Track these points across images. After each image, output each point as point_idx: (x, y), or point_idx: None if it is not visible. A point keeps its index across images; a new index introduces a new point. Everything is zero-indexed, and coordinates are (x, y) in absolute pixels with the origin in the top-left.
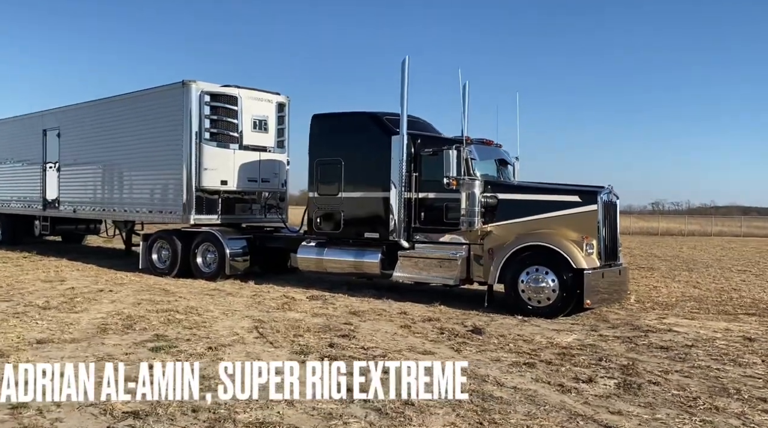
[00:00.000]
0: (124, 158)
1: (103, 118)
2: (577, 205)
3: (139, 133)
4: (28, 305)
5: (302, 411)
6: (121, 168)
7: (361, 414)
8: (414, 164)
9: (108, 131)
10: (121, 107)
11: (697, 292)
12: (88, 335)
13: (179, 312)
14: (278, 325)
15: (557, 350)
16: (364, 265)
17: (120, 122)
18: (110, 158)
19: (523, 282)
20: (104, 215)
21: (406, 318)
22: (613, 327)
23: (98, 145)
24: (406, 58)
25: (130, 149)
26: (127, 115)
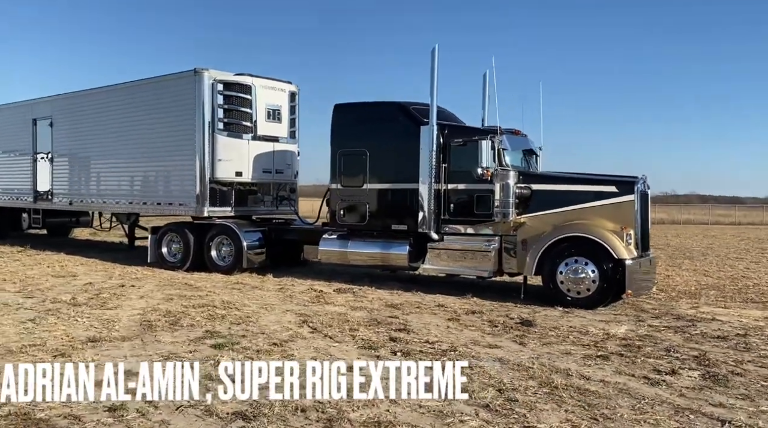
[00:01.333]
0: (130, 149)
1: (107, 106)
2: (614, 195)
3: (147, 122)
4: (55, 301)
5: (410, 409)
6: (126, 159)
7: (471, 412)
8: (443, 154)
9: (112, 120)
10: (127, 95)
11: (711, 280)
12: (136, 332)
13: (217, 307)
14: (324, 319)
15: (618, 341)
16: (391, 257)
17: (125, 111)
18: (114, 148)
19: (562, 273)
20: (105, 207)
21: (447, 311)
22: (655, 316)
23: (99, 135)
24: (436, 47)
25: (136, 139)
26: (134, 103)
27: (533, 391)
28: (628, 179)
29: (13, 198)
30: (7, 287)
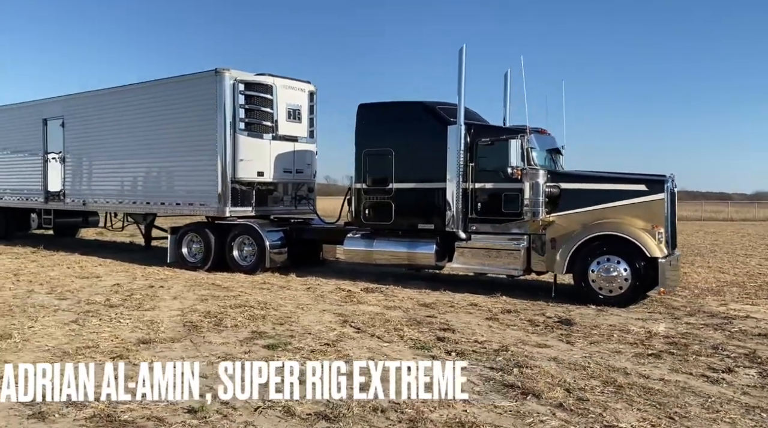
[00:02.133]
0: (148, 149)
1: (124, 106)
2: (644, 194)
3: (166, 122)
4: (89, 303)
5: (486, 410)
6: (145, 159)
7: (547, 412)
8: (469, 153)
9: (129, 119)
10: (146, 94)
11: (729, 277)
12: (183, 333)
13: (254, 308)
14: (364, 319)
15: (662, 339)
16: (418, 256)
17: (144, 111)
18: (130, 148)
19: (594, 272)
20: (121, 208)
21: (482, 310)
22: (689, 314)
23: (116, 134)
24: (463, 47)
25: (155, 139)
26: (153, 103)
27: (599, 390)
28: (658, 177)
29: (23, 198)
30: (36, 289)
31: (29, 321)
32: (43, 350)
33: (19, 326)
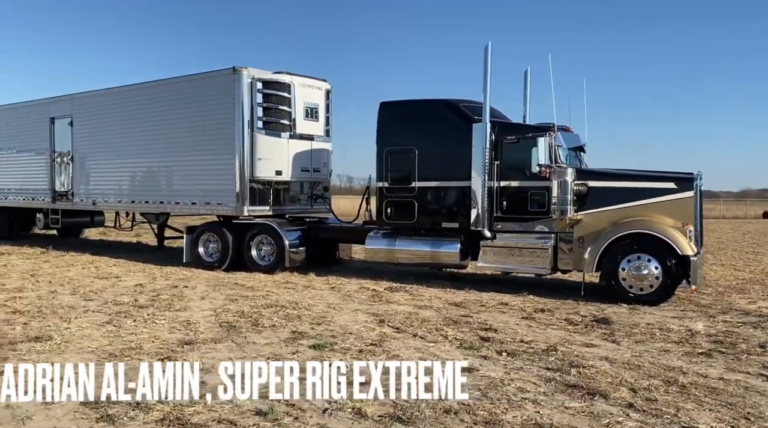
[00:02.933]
0: (163, 148)
1: (137, 104)
2: (674, 192)
3: (182, 121)
4: (117, 303)
5: (559, 411)
6: (158, 158)
7: (620, 413)
8: (495, 151)
9: (143, 118)
10: (161, 93)
11: (746, 275)
12: (222, 334)
13: (286, 307)
14: (400, 318)
15: (705, 338)
16: (442, 255)
17: (159, 109)
18: (144, 147)
19: (624, 270)
20: (133, 207)
21: (515, 309)
22: (721, 312)
23: (128, 133)
24: (488, 45)
25: (170, 137)
26: (169, 102)
27: (663, 390)
28: (687, 175)
29: (29, 198)
30: (58, 290)
31: (62, 322)
32: (87, 351)
33: (55, 327)
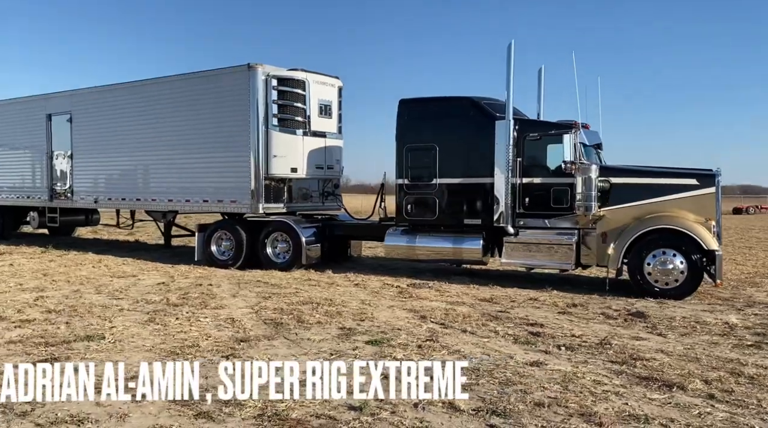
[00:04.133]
0: (172, 145)
1: (146, 101)
2: (696, 188)
3: (193, 118)
4: (149, 302)
5: (641, 401)
6: (167, 155)
7: (703, 404)
8: (517, 148)
9: (152, 115)
10: (172, 89)
11: (750, 268)
12: (271, 331)
13: (322, 304)
14: (438, 314)
15: (745, 330)
16: (464, 252)
17: (168, 106)
18: (151, 144)
19: (650, 265)
20: (138, 205)
21: (547, 304)
22: (747, 305)
23: (133, 130)
24: (512, 42)
25: (180, 134)
26: (180, 98)
27: (735, 381)
28: (709, 171)
29: (24, 197)
30: (81, 289)
31: (103, 321)
32: (144, 350)
33: (99, 326)
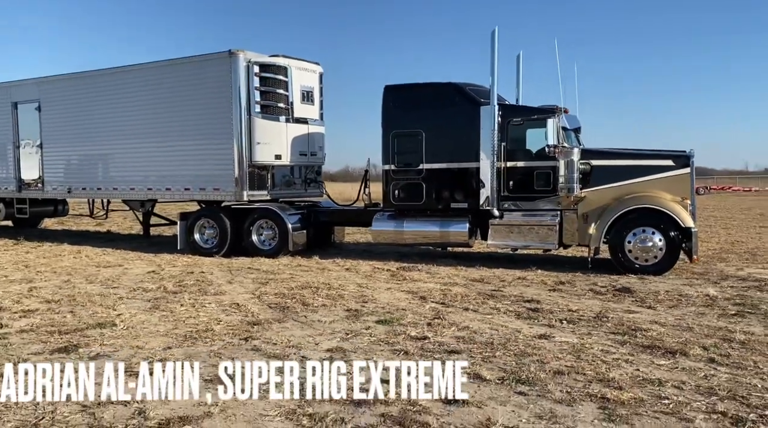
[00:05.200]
0: (151, 132)
1: (123, 88)
2: (672, 169)
3: (173, 105)
4: (147, 291)
5: (653, 367)
6: (146, 143)
7: (705, 367)
8: (501, 133)
9: (130, 102)
10: (151, 76)
11: (716, 245)
12: (279, 314)
13: (321, 288)
14: (437, 295)
15: (726, 302)
16: (451, 235)
17: (148, 94)
18: (129, 132)
19: (630, 243)
20: (116, 194)
21: (536, 283)
22: (720, 279)
23: (110, 118)
24: (495, 29)
25: (159, 122)
26: (159, 85)
27: (729, 347)
28: (683, 153)
29: None
30: (72, 280)
31: (108, 309)
32: (160, 335)
33: (106, 314)
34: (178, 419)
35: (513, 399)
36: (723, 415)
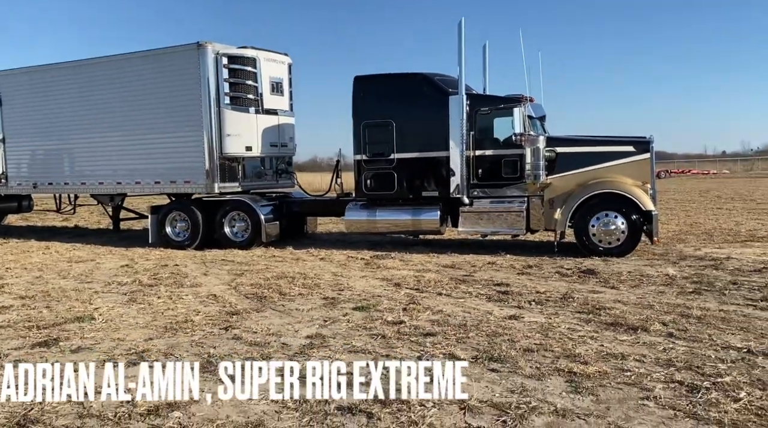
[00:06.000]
0: (120, 126)
1: (90, 81)
2: (632, 154)
3: (142, 98)
4: (122, 284)
5: (615, 343)
6: (115, 137)
7: (665, 341)
8: (469, 122)
9: (97, 95)
10: (118, 69)
11: (675, 227)
12: (257, 304)
13: (297, 278)
14: (411, 281)
15: (684, 280)
16: (423, 223)
17: (115, 86)
18: (97, 125)
19: (594, 227)
20: (84, 189)
21: (504, 267)
22: (680, 259)
23: (79, 112)
24: (462, 20)
25: (128, 115)
26: (126, 78)
27: (686, 322)
28: (643, 139)
29: None
30: (44, 275)
31: (84, 304)
32: (140, 327)
33: (83, 309)
34: (167, 405)
35: (486, 376)
36: (680, 384)
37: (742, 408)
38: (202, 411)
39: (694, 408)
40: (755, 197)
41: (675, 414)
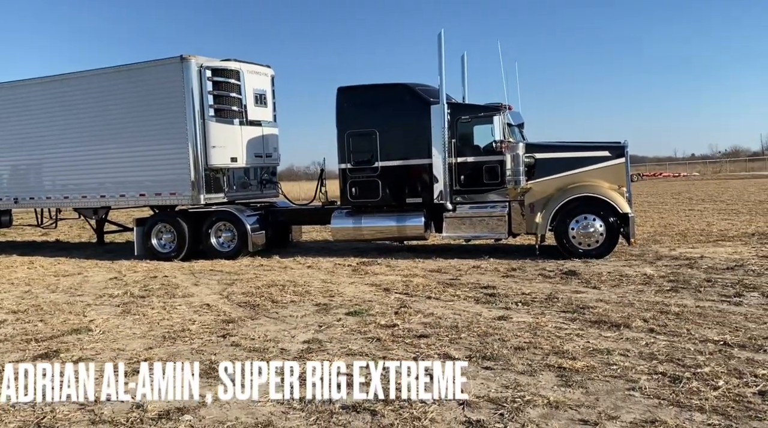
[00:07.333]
0: (104, 139)
1: (72, 95)
2: (608, 159)
3: (128, 111)
4: (113, 296)
5: (601, 339)
6: (99, 150)
7: (647, 337)
8: (451, 130)
9: (81, 109)
10: (102, 82)
11: (650, 228)
12: (250, 312)
13: (287, 286)
14: (399, 286)
15: (661, 279)
16: (407, 229)
17: (100, 100)
18: (81, 139)
19: (573, 230)
20: (66, 203)
21: (489, 270)
22: (656, 259)
23: (60, 126)
24: (441, 32)
25: (112, 129)
26: (111, 92)
27: (665, 318)
28: (618, 144)
29: None
30: (33, 290)
31: (78, 316)
32: (138, 337)
33: (79, 321)
34: (176, 410)
35: (481, 373)
36: (663, 375)
37: (721, 395)
38: (211, 414)
39: (677, 396)
40: (725, 199)
41: (659, 402)
